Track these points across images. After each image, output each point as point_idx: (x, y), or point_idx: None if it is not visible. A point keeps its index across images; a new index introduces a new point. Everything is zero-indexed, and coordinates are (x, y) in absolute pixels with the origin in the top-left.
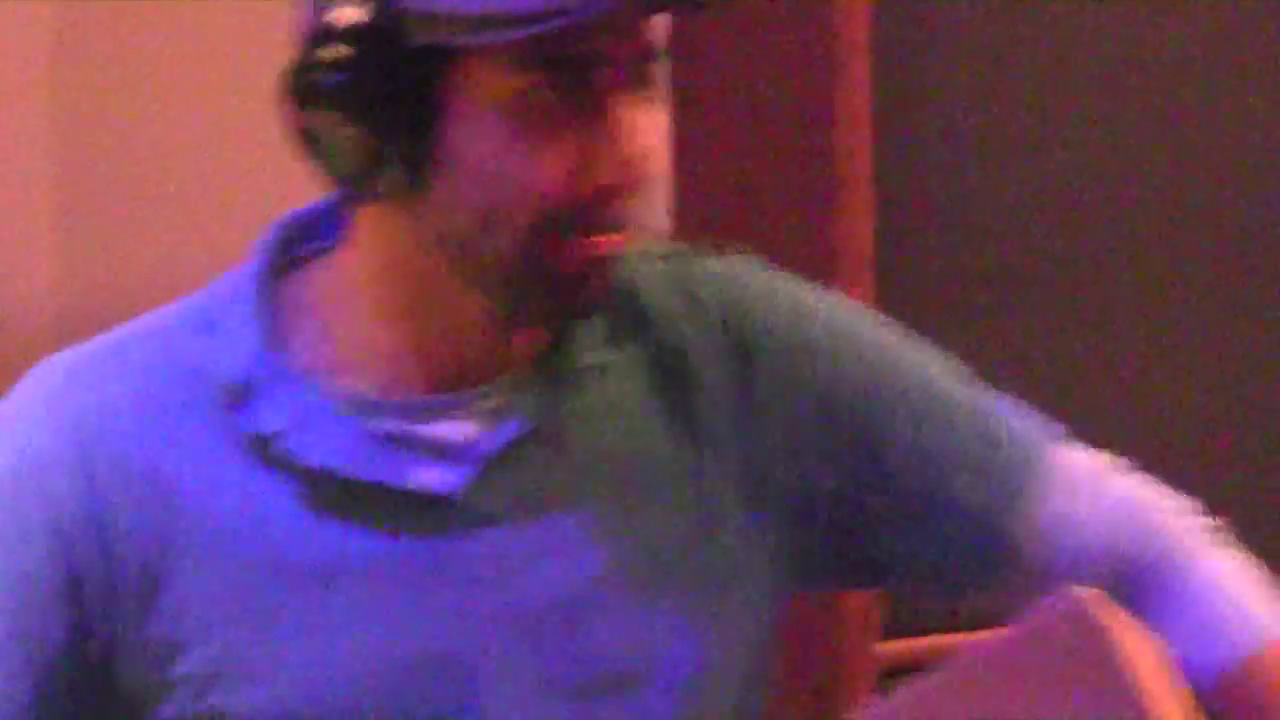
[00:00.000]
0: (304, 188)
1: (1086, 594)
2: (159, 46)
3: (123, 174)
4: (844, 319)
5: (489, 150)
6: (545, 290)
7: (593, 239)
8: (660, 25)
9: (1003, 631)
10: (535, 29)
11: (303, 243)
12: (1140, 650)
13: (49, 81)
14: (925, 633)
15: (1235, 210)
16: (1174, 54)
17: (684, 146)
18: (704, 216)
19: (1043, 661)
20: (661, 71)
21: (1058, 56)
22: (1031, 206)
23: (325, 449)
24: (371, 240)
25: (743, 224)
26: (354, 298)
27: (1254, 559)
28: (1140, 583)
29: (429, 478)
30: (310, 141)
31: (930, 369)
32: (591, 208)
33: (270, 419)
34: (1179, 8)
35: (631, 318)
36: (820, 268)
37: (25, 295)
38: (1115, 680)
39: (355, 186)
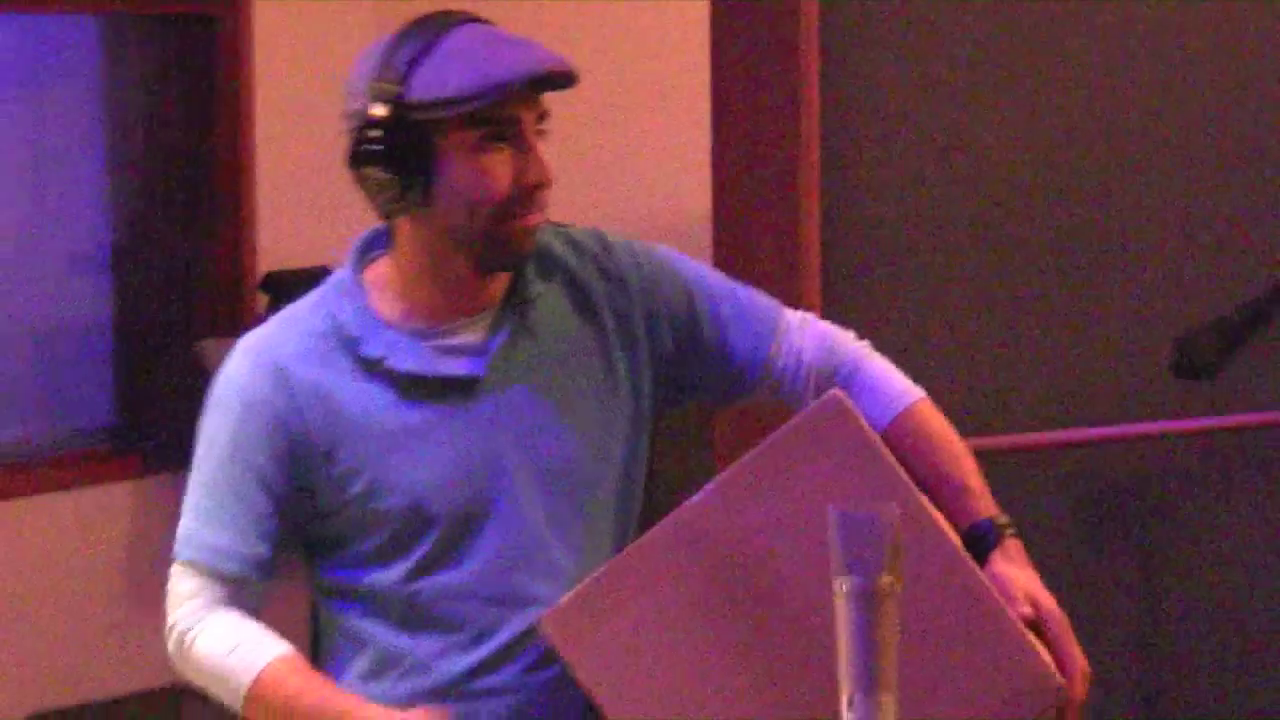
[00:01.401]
0: None
1: (843, 396)
2: None
3: None
4: (662, 252)
5: (464, 175)
6: (504, 249)
7: (526, 216)
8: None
9: (768, 440)
10: (472, 106)
11: (370, 249)
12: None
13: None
14: None
15: (1123, 207)
16: (1071, 105)
17: (722, 171)
18: (733, 222)
19: (817, 446)
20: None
21: (974, 100)
22: (943, 214)
23: (409, 362)
24: (405, 240)
25: (747, 224)
26: (402, 275)
27: None
28: (837, 380)
29: (464, 367)
30: (365, 186)
31: (710, 275)
32: (523, 199)
33: (375, 348)
34: (1080, 50)
35: (546, 264)
36: (786, 256)
37: None
38: (873, 460)
39: (392, 207)
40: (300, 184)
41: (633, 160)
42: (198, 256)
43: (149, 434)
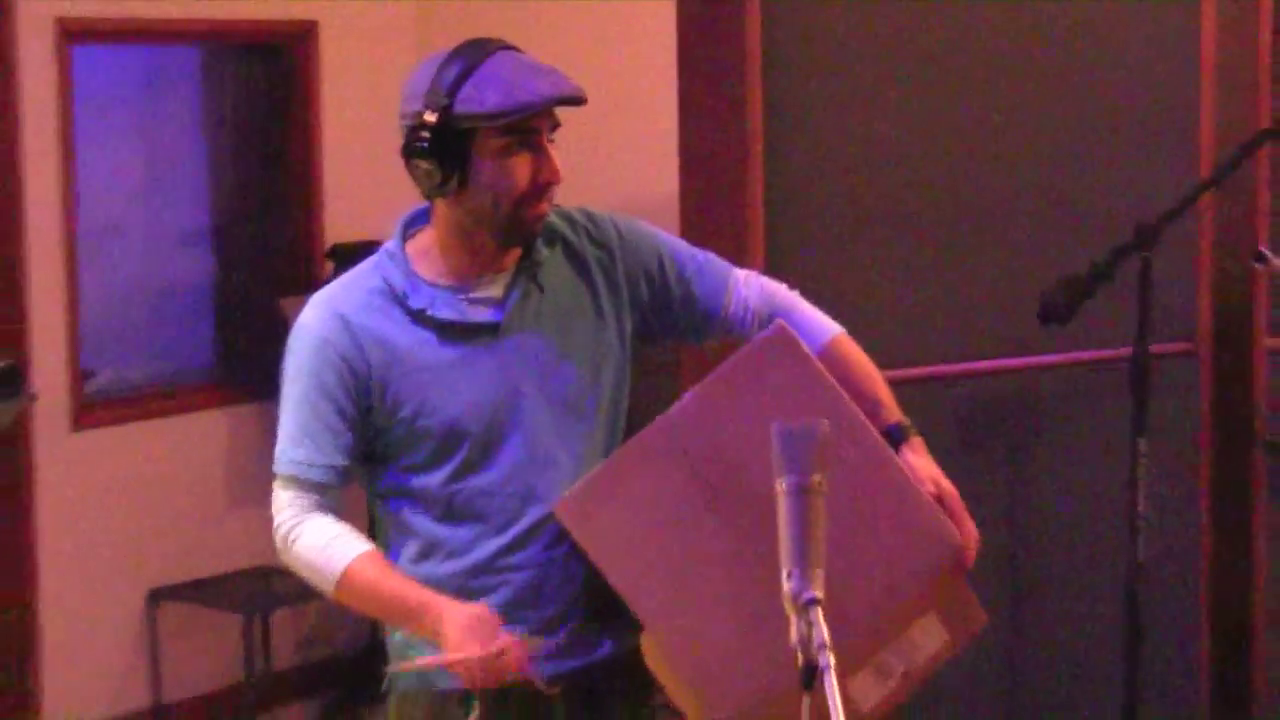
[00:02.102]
0: None
1: (786, 325)
2: None
3: None
4: (638, 224)
5: (492, 172)
6: (519, 230)
7: (538, 206)
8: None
9: (729, 361)
10: (503, 120)
11: (413, 224)
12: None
13: None
14: None
15: (1001, 190)
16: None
17: (687, 164)
18: (696, 201)
19: (762, 369)
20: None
21: (895, 99)
22: (859, 195)
23: (445, 312)
24: (442, 218)
25: (706, 202)
26: (439, 245)
27: None
28: (775, 318)
29: (488, 316)
30: (414, 173)
31: (676, 242)
32: (538, 193)
33: (419, 302)
34: (968, 65)
35: (549, 236)
36: (737, 228)
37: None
38: (812, 375)
39: (434, 192)
40: (357, 175)
41: (616, 151)
42: (278, 232)
43: (240, 371)
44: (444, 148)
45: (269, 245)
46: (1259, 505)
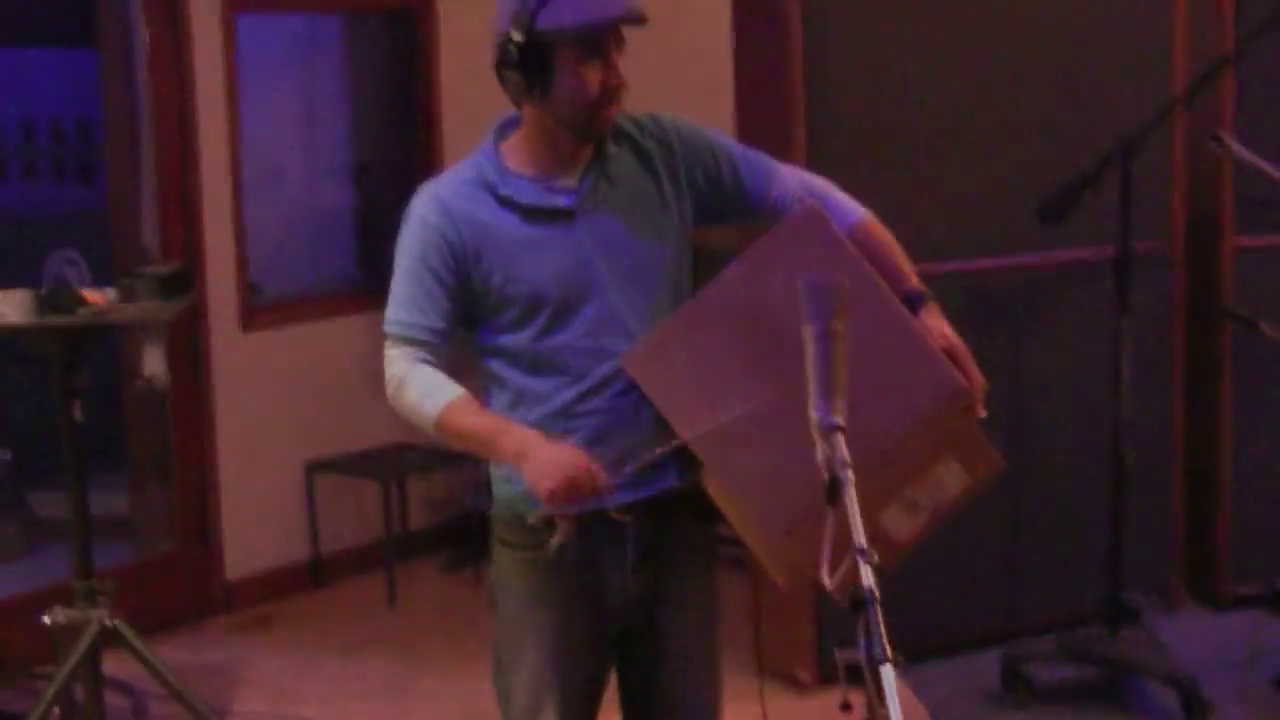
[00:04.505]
0: None
1: (816, 204)
2: None
3: None
4: (696, 126)
5: (570, 80)
6: (593, 129)
7: (609, 108)
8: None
9: (768, 235)
10: (580, 33)
11: (506, 127)
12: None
13: None
14: None
15: (1007, 115)
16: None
17: (742, 97)
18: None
19: (796, 241)
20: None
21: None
22: (884, 115)
23: (528, 198)
24: (529, 121)
25: (759, 124)
26: (526, 144)
27: None
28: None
29: (564, 201)
30: (505, 83)
31: (730, 140)
32: (608, 96)
33: (507, 189)
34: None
35: (617, 136)
36: (784, 139)
37: None
38: (838, 246)
39: (522, 97)
40: (470, 118)
41: (690, 86)
42: (407, 166)
43: (378, 281)
44: (529, 60)
45: (400, 177)
46: (1226, 373)
